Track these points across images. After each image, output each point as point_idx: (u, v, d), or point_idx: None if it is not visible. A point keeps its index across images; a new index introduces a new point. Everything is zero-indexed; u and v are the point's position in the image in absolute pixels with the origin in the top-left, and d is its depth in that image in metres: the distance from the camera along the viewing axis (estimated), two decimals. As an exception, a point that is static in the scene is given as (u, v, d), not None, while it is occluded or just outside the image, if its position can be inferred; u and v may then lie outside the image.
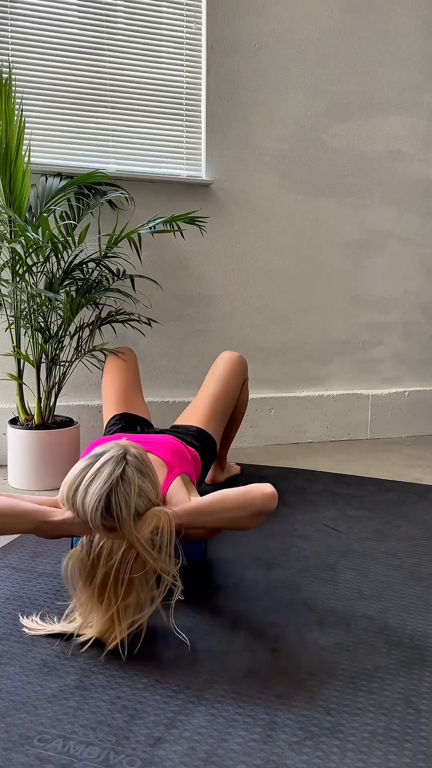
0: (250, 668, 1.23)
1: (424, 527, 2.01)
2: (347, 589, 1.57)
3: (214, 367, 2.18)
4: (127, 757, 0.99)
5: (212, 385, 2.11)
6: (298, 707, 1.12)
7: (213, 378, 2.14)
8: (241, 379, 2.17)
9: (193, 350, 2.91)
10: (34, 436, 2.30)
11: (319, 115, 2.99)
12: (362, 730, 1.07)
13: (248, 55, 2.84)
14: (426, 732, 1.07)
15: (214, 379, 2.13)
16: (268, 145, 2.92)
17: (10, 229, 2.26)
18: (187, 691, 1.16)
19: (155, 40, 2.70)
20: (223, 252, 2.91)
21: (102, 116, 2.67)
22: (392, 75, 3.10)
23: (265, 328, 3.03)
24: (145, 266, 2.76)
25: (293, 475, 2.53)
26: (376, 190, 3.14)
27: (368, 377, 3.26)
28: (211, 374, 2.16)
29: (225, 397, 2.09)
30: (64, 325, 2.32)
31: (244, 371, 2.19)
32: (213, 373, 2.16)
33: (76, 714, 1.09)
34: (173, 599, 1.27)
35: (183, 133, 2.80)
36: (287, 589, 1.56)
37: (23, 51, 2.53)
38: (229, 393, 2.11)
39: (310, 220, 3.04)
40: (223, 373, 2.13)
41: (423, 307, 3.32)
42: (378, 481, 2.48)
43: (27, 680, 1.18)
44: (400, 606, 1.49)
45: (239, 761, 0.99)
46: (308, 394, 3.12)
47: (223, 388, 2.10)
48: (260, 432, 3.04)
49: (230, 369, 2.14)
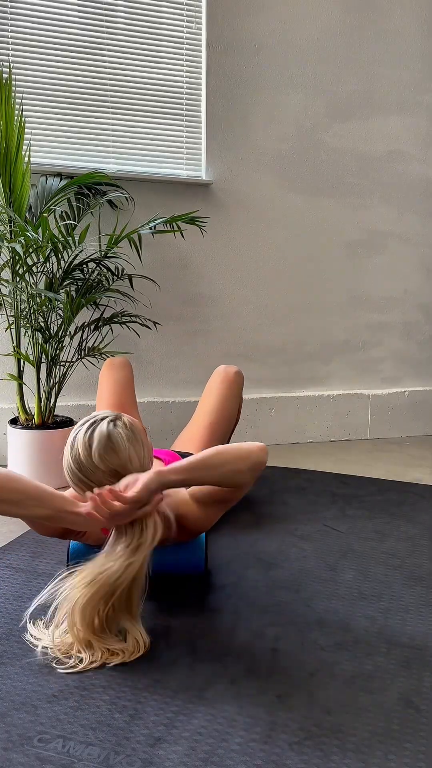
0: (250, 668, 1.23)
1: (424, 527, 2.01)
2: (347, 589, 1.57)
3: (209, 388, 2.11)
4: (127, 757, 0.99)
5: (209, 412, 2.05)
6: (298, 707, 1.12)
7: (210, 402, 2.07)
8: (238, 399, 2.11)
9: (193, 350, 2.91)
10: (34, 436, 2.30)
11: (319, 115, 2.99)
12: (362, 730, 1.07)
13: (248, 55, 2.84)
14: (426, 732, 1.07)
15: (211, 405, 2.06)
16: (268, 145, 2.92)
17: (10, 229, 2.26)
18: (187, 691, 1.16)
19: (155, 40, 2.70)
20: (223, 252, 2.91)
21: (102, 116, 2.67)
22: (392, 75, 3.10)
23: (265, 328, 3.03)
24: (145, 266, 2.76)
25: (293, 475, 2.53)
26: (376, 190, 3.14)
27: (368, 377, 3.26)
28: (208, 395, 2.09)
29: (223, 423, 2.05)
30: (64, 325, 2.32)
31: (240, 387, 2.12)
32: (210, 394, 2.09)
33: (76, 714, 1.09)
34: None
35: (183, 133, 2.80)
36: (287, 589, 1.56)
37: (23, 51, 2.53)
38: (227, 418, 2.06)
39: (310, 220, 3.04)
40: (219, 398, 2.07)
41: (423, 307, 3.32)
42: (378, 481, 2.48)
43: (27, 680, 1.18)
44: (400, 606, 1.49)
45: (239, 761, 0.99)
46: (308, 394, 3.12)
47: (220, 414, 2.05)
48: (260, 432, 3.04)
49: (226, 391, 2.08)
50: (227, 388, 2.09)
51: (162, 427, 2.85)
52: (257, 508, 2.13)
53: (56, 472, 2.33)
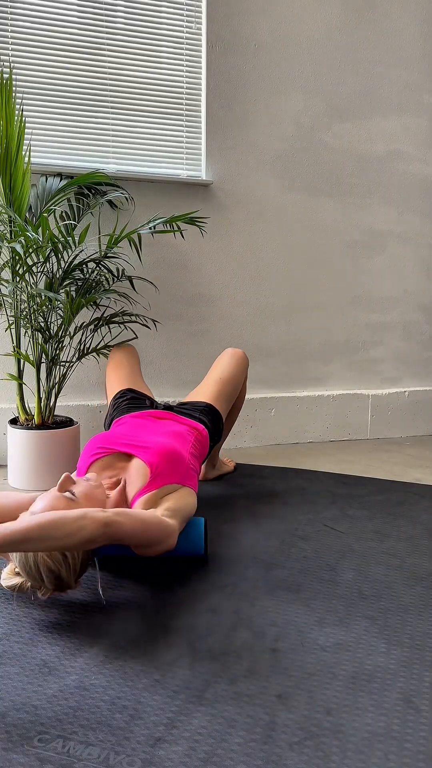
0: (250, 668, 1.23)
1: (424, 527, 2.01)
2: (347, 589, 1.57)
3: (220, 359, 2.24)
4: (127, 757, 0.99)
5: (219, 371, 2.19)
6: (298, 707, 1.12)
7: (219, 366, 2.21)
8: (244, 374, 2.24)
9: (193, 350, 2.91)
10: (34, 436, 2.30)
11: (319, 115, 2.99)
12: (362, 730, 1.07)
13: (248, 54, 2.84)
14: (426, 732, 1.07)
15: (221, 367, 2.20)
16: (268, 145, 2.92)
17: (10, 229, 2.26)
18: (187, 691, 1.16)
19: (155, 40, 2.70)
20: (223, 252, 2.91)
21: (102, 116, 2.67)
22: (392, 75, 3.10)
23: (265, 328, 3.03)
24: (145, 266, 2.76)
25: (293, 475, 2.52)
26: (376, 190, 3.14)
27: (368, 377, 3.26)
28: (217, 364, 2.23)
29: (232, 382, 2.17)
30: (64, 325, 2.32)
31: (246, 368, 2.25)
32: (219, 363, 2.23)
33: (76, 714, 1.09)
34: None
35: (183, 133, 2.80)
36: (287, 589, 1.56)
37: (23, 51, 2.53)
38: (235, 380, 2.18)
39: (310, 220, 3.04)
40: (229, 364, 2.20)
41: (423, 307, 3.32)
42: (378, 481, 2.48)
43: (27, 680, 1.18)
44: (400, 606, 1.49)
45: (239, 761, 0.99)
46: (308, 394, 3.12)
47: (230, 373, 2.17)
48: (260, 432, 3.04)
49: (236, 362, 2.21)
50: (236, 361, 2.22)
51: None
52: (257, 508, 2.14)
53: (56, 472, 2.33)
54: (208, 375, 2.21)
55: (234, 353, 2.24)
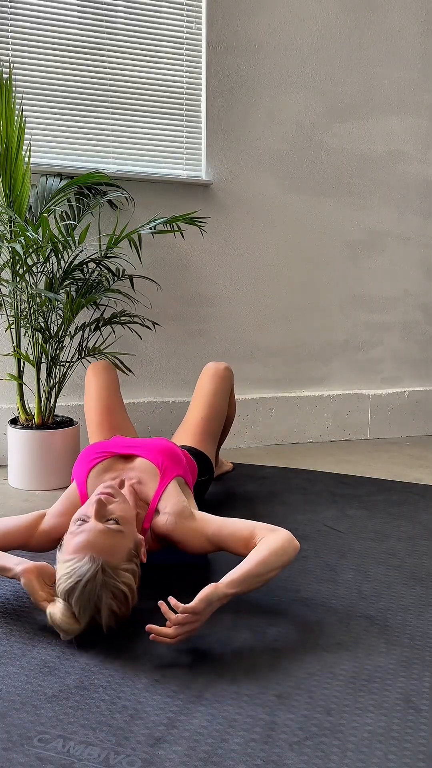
0: (250, 668, 1.23)
1: (424, 527, 2.01)
2: (347, 589, 1.57)
3: (200, 384, 2.14)
4: (127, 757, 0.99)
5: (201, 407, 2.08)
6: (298, 707, 1.12)
7: (201, 397, 2.11)
8: (228, 393, 2.14)
9: (193, 350, 2.91)
10: (34, 436, 2.31)
11: (319, 115, 2.99)
12: (362, 730, 1.07)
13: (248, 55, 2.84)
14: (426, 732, 1.07)
15: (202, 400, 2.10)
16: (268, 145, 2.92)
17: (10, 229, 2.26)
18: (187, 691, 1.16)
19: (155, 40, 2.70)
20: (223, 252, 2.91)
21: (102, 116, 2.67)
22: (392, 75, 3.10)
23: (265, 328, 3.03)
24: (145, 266, 2.76)
25: (293, 475, 2.53)
26: (376, 190, 3.14)
27: (368, 377, 3.26)
28: (199, 392, 2.13)
29: (215, 417, 2.08)
30: (64, 325, 2.32)
31: (230, 383, 2.16)
32: (200, 390, 2.13)
33: (76, 714, 1.09)
34: None
35: (183, 133, 2.80)
36: (287, 589, 1.56)
37: (23, 51, 2.53)
38: (218, 412, 2.09)
39: (310, 220, 3.04)
40: (209, 393, 2.10)
41: (423, 307, 3.32)
42: (378, 481, 2.48)
43: (27, 680, 1.18)
44: (400, 606, 1.49)
45: (239, 761, 0.99)
46: (308, 394, 3.12)
47: (212, 408, 2.08)
48: (260, 432, 3.04)
49: (217, 386, 2.11)
50: (217, 383, 2.12)
51: (162, 427, 2.85)
52: (257, 508, 2.14)
53: (56, 471, 2.33)
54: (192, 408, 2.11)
55: (216, 372, 2.13)
